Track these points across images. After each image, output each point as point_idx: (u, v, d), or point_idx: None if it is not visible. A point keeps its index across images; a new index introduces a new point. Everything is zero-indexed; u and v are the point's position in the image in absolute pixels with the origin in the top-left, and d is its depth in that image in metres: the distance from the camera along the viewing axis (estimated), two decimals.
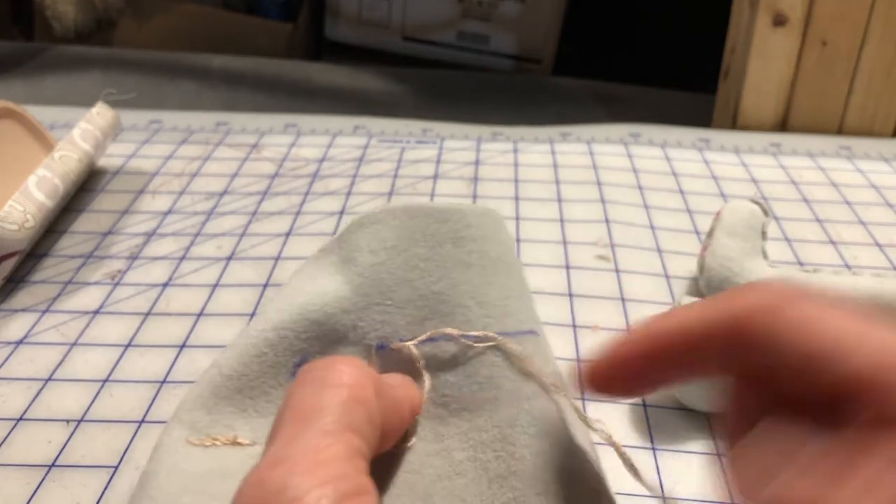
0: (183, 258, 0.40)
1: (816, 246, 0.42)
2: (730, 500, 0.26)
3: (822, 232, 0.43)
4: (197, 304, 0.37)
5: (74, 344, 0.34)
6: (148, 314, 0.36)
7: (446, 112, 0.60)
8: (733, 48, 0.58)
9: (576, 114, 0.64)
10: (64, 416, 0.30)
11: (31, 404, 0.31)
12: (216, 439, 0.24)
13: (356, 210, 0.45)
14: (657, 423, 0.30)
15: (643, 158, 0.51)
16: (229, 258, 0.40)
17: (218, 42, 0.88)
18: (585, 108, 0.67)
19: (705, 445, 0.29)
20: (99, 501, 0.27)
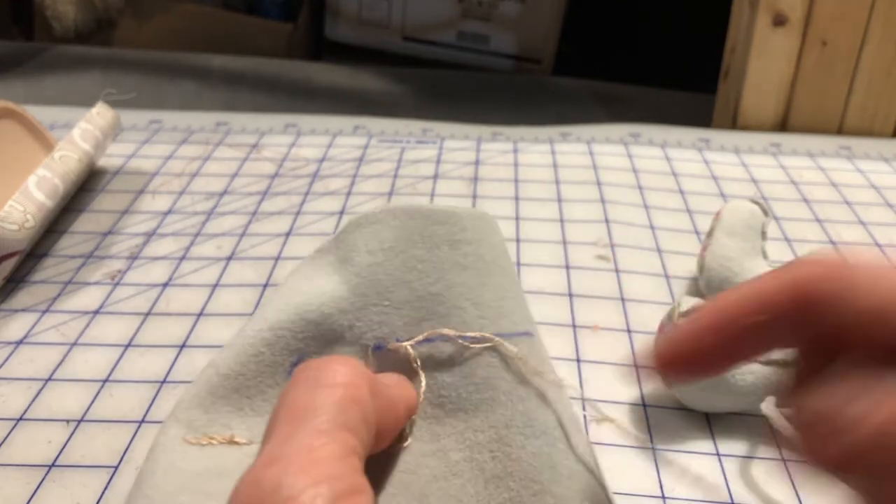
0: (183, 258, 0.40)
1: (816, 246, 0.42)
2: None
3: (822, 232, 0.43)
4: (197, 304, 0.37)
5: (74, 344, 0.34)
6: (148, 314, 0.36)
7: (446, 112, 0.60)
8: (733, 48, 0.58)
9: (576, 114, 0.64)
10: (64, 416, 0.30)
11: (31, 404, 0.31)
12: (213, 438, 0.24)
13: (356, 210, 0.45)
14: (657, 423, 0.30)
15: (643, 158, 0.51)
16: (229, 258, 0.40)
17: (218, 42, 0.88)
18: (585, 108, 0.67)
19: (705, 445, 0.29)
20: (99, 501, 0.27)
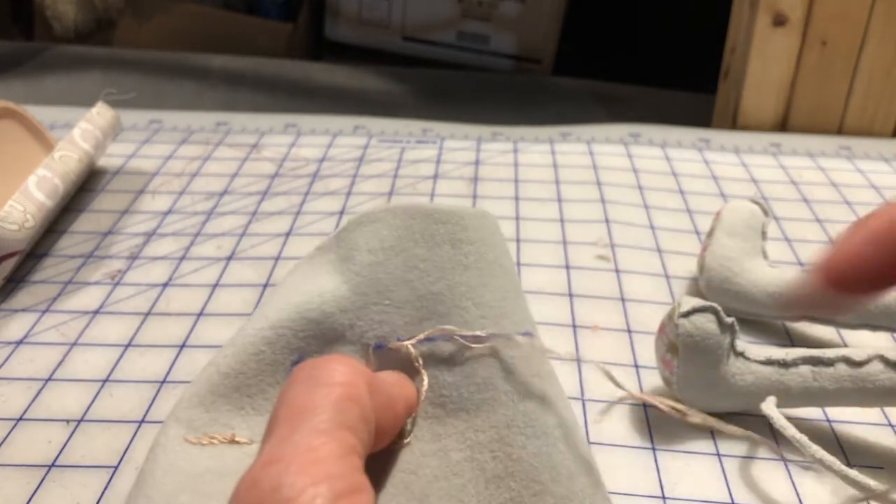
0: (183, 258, 0.40)
1: (816, 246, 0.42)
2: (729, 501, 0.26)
3: (822, 232, 0.43)
4: (197, 304, 0.37)
5: (74, 344, 0.34)
6: (148, 314, 0.36)
7: (446, 112, 0.60)
8: (733, 48, 0.58)
9: (576, 114, 0.64)
10: (64, 416, 0.30)
11: (31, 404, 0.31)
12: (213, 438, 0.24)
13: (356, 210, 0.45)
14: (657, 423, 0.30)
15: (643, 158, 0.51)
16: (229, 258, 0.40)
17: (218, 42, 0.88)
18: (585, 108, 0.67)
19: (705, 445, 0.29)
20: (99, 501, 0.27)
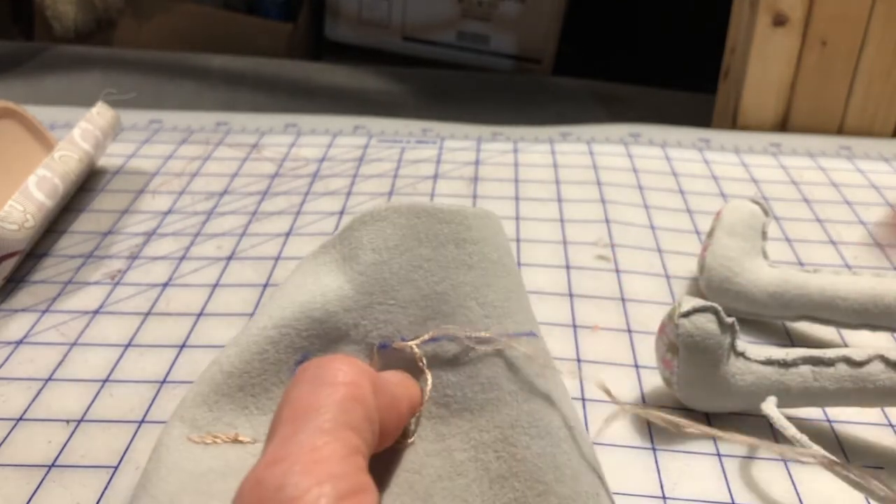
0: (183, 258, 0.40)
1: (816, 246, 0.42)
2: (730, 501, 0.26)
3: (822, 232, 0.43)
4: (197, 304, 0.37)
5: (74, 344, 0.34)
6: (148, 314, 0.36)
7: (446, 112, 0.60)
8: (733, 48, 0.58)
9: (576, 114, 0.64)
10: (64, 416, 0.30)
11: (31, 404, 0.31)
12: (217, 437, 0.24)
13: (356, 210, 0.45)
14: (657, 423, 0.30)
15: (643, 158, 0.51)
16: (229, 258, 0.40)
17: (218, 42, 0.88)
18: (585, 108, 0.67)
19: (705, 445, 0.29)
20: (99, 501, 0.27)
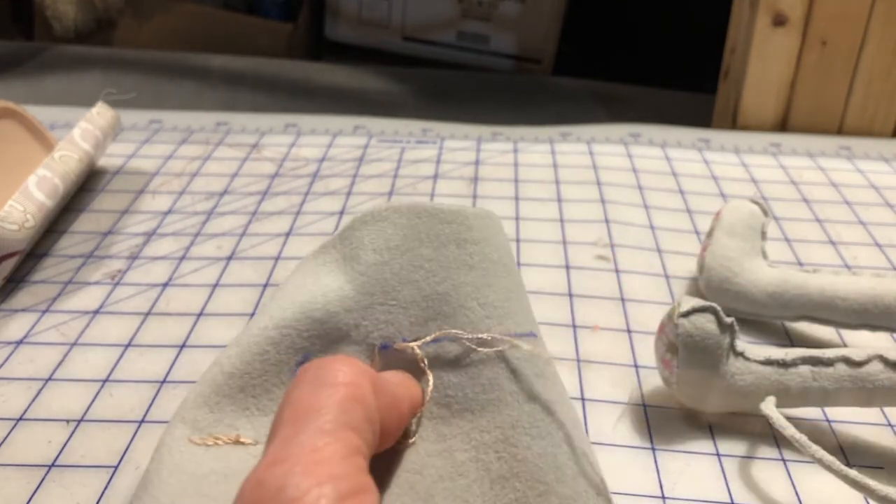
0: (183, 258, 0.40)
1: (816, 246, 0.42)
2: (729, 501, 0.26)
3: (822, 232, 0.43)
4: (197, 304, 0.37)
5: (74, 344, 0.34)
6: (148, 314, 0.36)
7: (446, 112, 0.60)
8: (733, 48, 0.58)
9: (576, 114, 0.64)
10: (64, 416, 0.30)
11: (31, 404, 0.31)
12: (218, 438, 0.24)
13: (356, 210, 0.45)
14: (657, 423, 0.30)
15: (643, 158, 0.51)
16: (229, 258, 0.40)
17: (218, 42, 0.88)
18: (585, 108, 0.67)
19: (705, 445, 0.29)
20: (99, 501, 0.27)
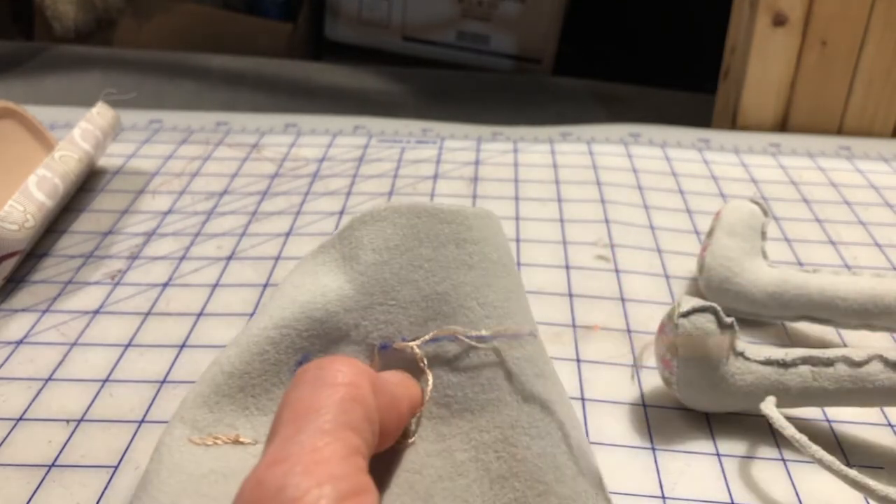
0: (183, 258, 0.40)
1: (816, 246, 0.42)
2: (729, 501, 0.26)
3: (822, 232, 0.43)
4: (197, 304, 0.37)
5: (74, 344, 0.34)
6: (148, 314, 0.36)
7: (446, 112, 0.60)
8: (733, 48, 0.58)
9: (576, 114, 0.64)
10: (64, 416, 0.30)
11: (31, 404, 0.31)
12: (218, 438, 0.24)
13: (356, 210, 0.45)
14: (657, 423, 0.30)
15: (643, 158, 0.51)
16: (229, 258, 0.40)
17: (218, 42, 0.88)
18: (585, 108, 0.67)
19: (705, 445, 0.29)
20: (99, 501, 0.27)
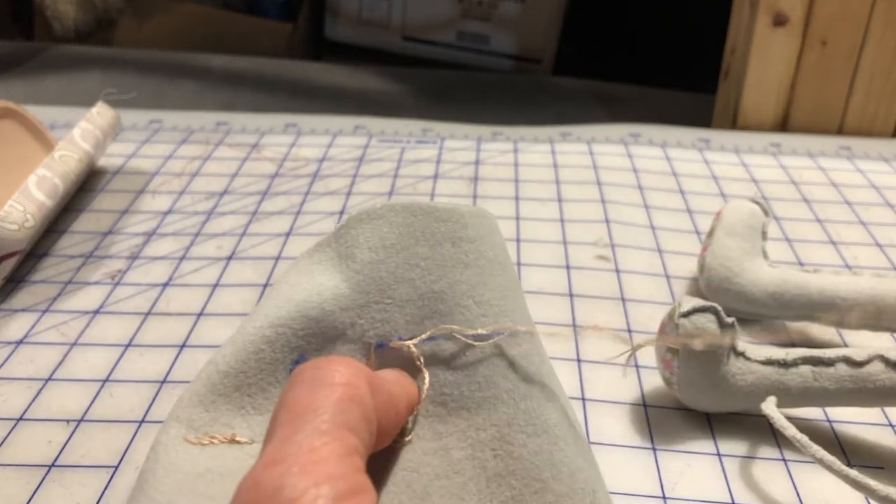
0: (183, 258, 0.40)
1: (816, 246, 0.42)
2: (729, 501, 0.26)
3: (822, 232, 0.43)
4: (197, 304, 0.37)
5: (74, 344, 0.34)
6: (148, 314, 0.36)
7: (446, 112, 0.60)
8: (733, 48, 0.58)
9: (576, 114, 0.64)
10: (64, 416, 0.30)
11: (31, 404, 0.31)
12: (214, 438, 0.24)
13: (356, 210, 0.45)
14: (657, 423, 0.30)
15: (643, 158, 0.51)
16: (229, 258, 0.40)
17: (218, 42, 0.88)
18: (585, 108, 0.67)
19: (705, 445, 0.29)
20: (99, 501, 0.27)
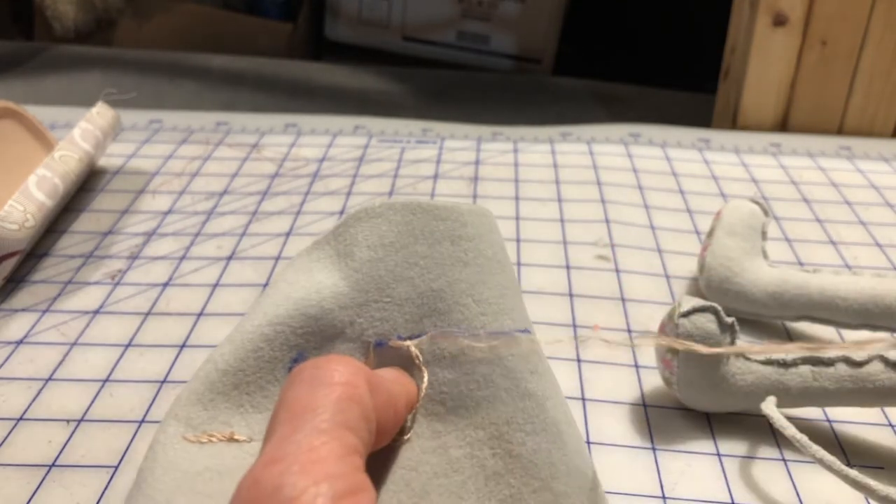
0: (183, 258, 0.40)
1: (816, 246, 0.42)
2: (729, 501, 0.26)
3: (822, 232, 0.43)
4: (197, 304, 0.37)
5: (74, 344, 0.34)
6: (148, 314, 0.36)
7: (446, 112, 0.60)
8: (733, 48, 0.58)
9: (576, 114, 0.64)
10: (64, 416, 0.30)
11: (31, 404, 0.31)
12: (213, 436, 0.24)
13: None
14: (657, 423, 0.30)
15: (643, 158, 0.51)
16: (229, 258, 0.40)
17: (218, 42, 0.88)
18: (585, 108, 0.67)
19: (705, 445, 0.29)
20: (99, 501, 0.27)
